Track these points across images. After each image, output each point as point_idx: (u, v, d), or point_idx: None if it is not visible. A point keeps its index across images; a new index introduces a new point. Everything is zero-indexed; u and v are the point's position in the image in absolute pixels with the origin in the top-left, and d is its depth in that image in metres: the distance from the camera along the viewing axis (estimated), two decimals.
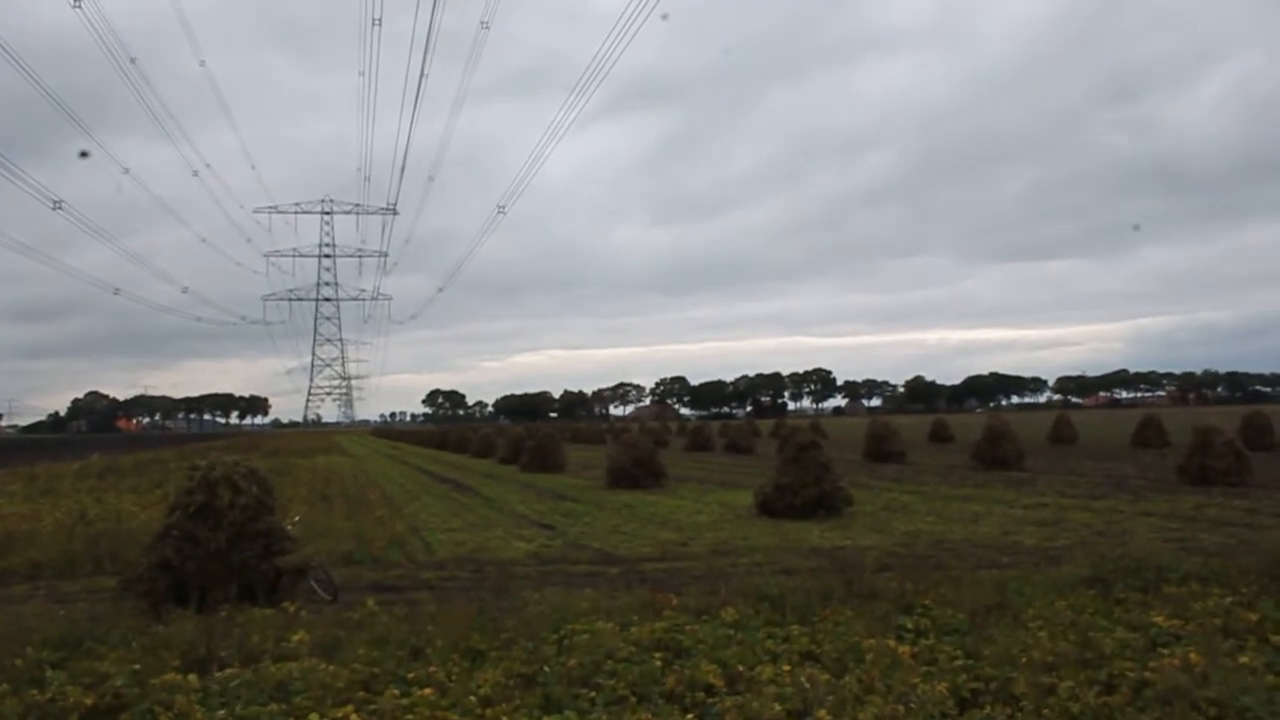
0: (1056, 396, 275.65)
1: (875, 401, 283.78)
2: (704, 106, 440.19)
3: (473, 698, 7.01)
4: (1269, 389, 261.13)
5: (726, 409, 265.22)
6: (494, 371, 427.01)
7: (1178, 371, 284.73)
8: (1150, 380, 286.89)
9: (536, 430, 49.90)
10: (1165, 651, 7.70)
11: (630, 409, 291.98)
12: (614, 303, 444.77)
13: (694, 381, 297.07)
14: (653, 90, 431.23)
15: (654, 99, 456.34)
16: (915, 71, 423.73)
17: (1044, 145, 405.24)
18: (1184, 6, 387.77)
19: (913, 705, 6.58)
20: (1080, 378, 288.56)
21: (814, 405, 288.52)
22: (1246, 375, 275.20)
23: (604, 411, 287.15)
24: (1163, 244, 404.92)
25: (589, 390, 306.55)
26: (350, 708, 6.87)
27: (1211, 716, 6.19)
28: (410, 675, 7.60)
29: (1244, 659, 7.36)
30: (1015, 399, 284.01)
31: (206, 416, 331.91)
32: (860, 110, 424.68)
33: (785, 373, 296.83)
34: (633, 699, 6.95)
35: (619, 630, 8.72)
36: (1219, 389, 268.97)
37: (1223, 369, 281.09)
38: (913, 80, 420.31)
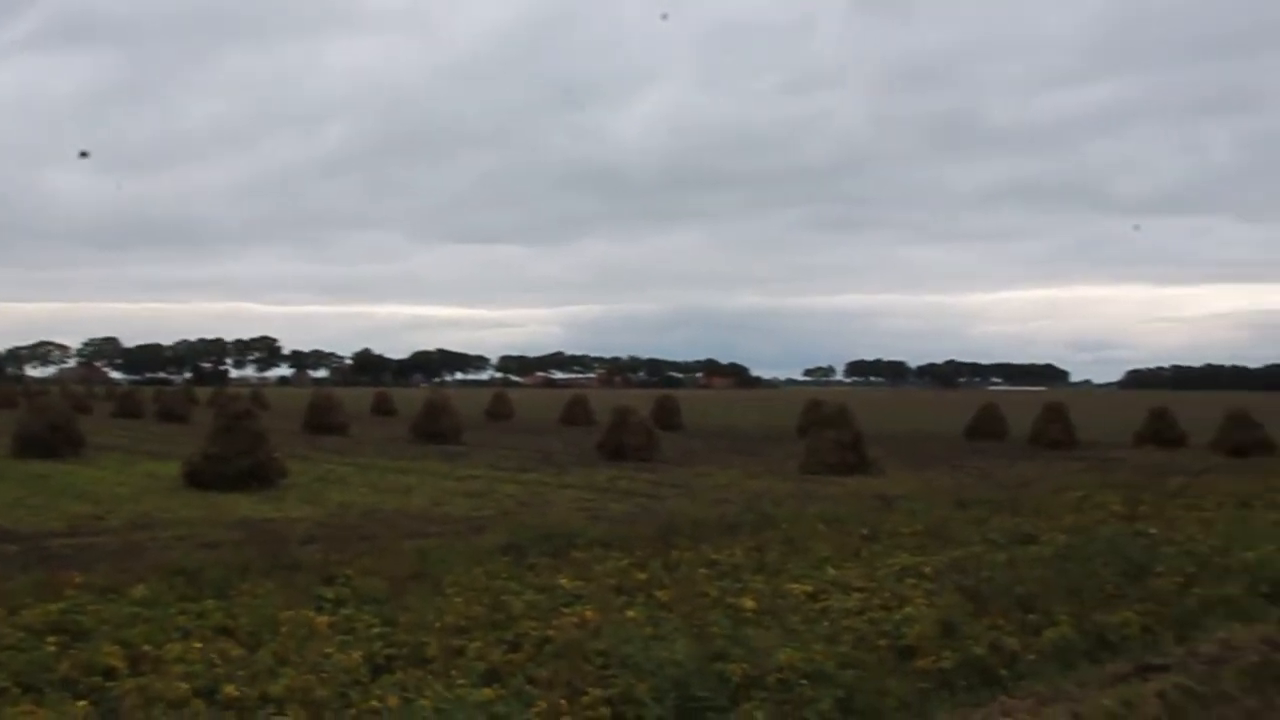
0: (498, 375, 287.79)
1: (322, 373, 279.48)
2: (157, 54, 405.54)
3: None
4: (681, 375, 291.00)
5: (164, 375, 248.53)
6: None
7: (607, 356, 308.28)
8: (583, 363, 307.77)
9: None
10: (567, 610, 8.32)
11: (53, 370, 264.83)
12: (38, 254, 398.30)
13: (128, 344, 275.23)
14: (96, 27, 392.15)
15: (98, 37, 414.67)
16: (382, 53, 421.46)
17: (499, 138, 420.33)
18: (625, 34, 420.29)
19: (325, 674, 6.59)
20: (521, 358, 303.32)
21: (258, 374, 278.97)
22: (664, 362, 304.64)
23: (19, 372, 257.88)
24: (599, 239, 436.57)
25: (3, 348, 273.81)
26: None
27: (599, 665, 6.79)
28: None
29: (631, 613, 8.18)
30: (460, 375, 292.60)
31: None
32: (324, 83, 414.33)
33: (229, 339, 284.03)
34: (17, 690, 6.33)
35: (7, 615, 7.91)
36: (641, 374, 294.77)
37: (644, 355, 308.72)
38: (379, 61, 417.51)
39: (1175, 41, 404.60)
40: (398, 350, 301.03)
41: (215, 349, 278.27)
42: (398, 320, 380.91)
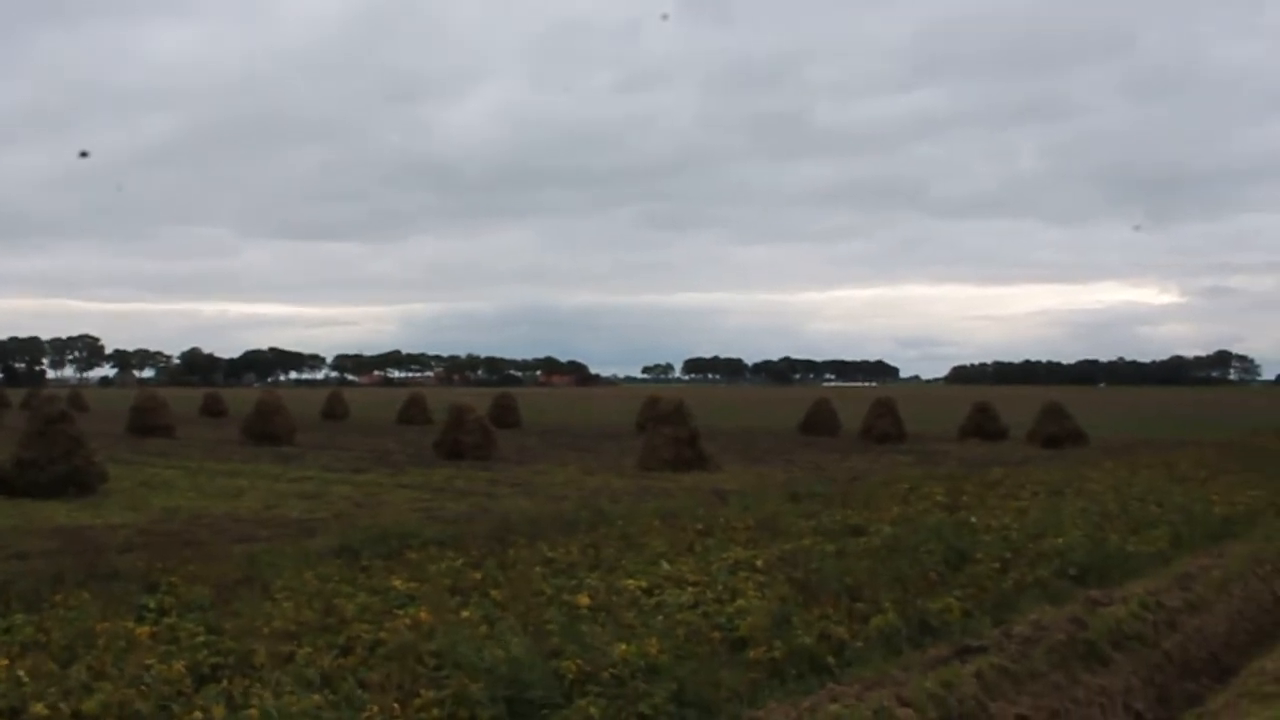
0: (334, 374, 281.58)
1: (149, 373, 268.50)
2: None
3: None
4: (520, 373, 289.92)
5: None
6: None
7: (445, 354, 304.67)
8: (421, 361, 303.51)
9: None
10: (401, 612, 8.21)
11: None
12: None
13: None
14: None
15: None
16: (208, 40, 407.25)
17: (331, 131, 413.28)
18: (459, 28, 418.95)
19: (146, 686, 6.34)
20: (357, 356, 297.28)
21: (79, 375, 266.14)
22: (503, 360, 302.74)
23: None
24: (433, 236, 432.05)
25: None
26: None
27: (432, 666, 6.72)
28: None
29: (466, 613, 8.13)
30: (295, 375, 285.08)
31: None
32: (149, 68, 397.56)
33: (46, 337, 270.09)
34: None
35: None
36: (480, 372, 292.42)
37: (483, 354, 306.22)
38: (204, 48, 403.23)
39: (987, 52, 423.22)
40: (229, 349, 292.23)
41: (30, 348, 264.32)
42: (228, 318, 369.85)
